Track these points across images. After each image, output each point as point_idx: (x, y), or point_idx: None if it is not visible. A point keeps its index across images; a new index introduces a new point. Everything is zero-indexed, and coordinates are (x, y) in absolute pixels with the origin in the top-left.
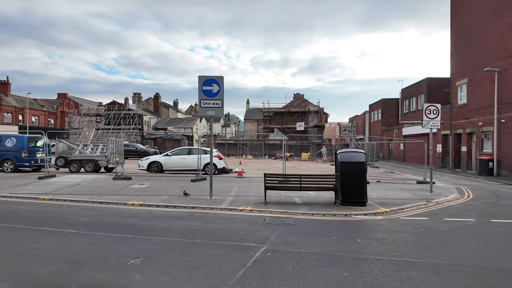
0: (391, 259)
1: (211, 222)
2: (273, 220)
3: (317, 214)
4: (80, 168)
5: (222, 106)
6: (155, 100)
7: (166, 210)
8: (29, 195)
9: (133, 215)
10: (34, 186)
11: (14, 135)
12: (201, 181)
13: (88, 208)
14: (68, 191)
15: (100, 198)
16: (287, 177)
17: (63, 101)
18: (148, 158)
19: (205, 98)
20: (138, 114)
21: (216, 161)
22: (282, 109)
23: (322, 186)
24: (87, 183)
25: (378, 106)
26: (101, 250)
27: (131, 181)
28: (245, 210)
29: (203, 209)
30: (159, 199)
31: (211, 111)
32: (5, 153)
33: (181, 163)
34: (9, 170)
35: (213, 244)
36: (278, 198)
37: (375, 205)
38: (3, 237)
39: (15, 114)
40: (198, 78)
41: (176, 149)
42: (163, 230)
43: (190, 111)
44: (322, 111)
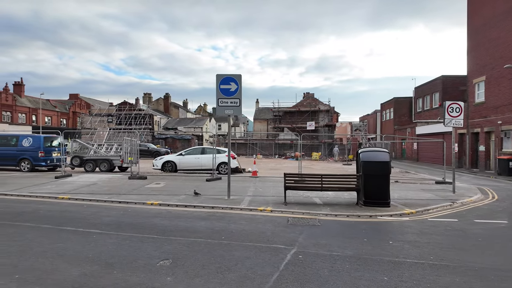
0: (430, 263)
1: (234, 222)
2: (296, 221)
3: (341, 215)
4: (95, 167)
5: (240, 105)
6: (165, 100)
7: (186, 209)
8: (48, 194)
9: (154, 215)
10: (52, 186)
11: (30, 135)
12: (216, 180)
13: (108, 208)
14: (86, 190)
15: (118, 197)
16: (308, 177)
17: (75, 102)
18: (162, 158)
19: (222, 97)
20: (148, 114)
21: None
22: (292, 109)
23: (344, 186)
24: (104, 182)
25: (390, 105)
26: (128, 251)
27: (146, 180)
28: (265, 210)
29: (223, 209)
30: (177, 199)
31: (229, 110)
32: (22, 153)
33: (195, 163)
34: (26, 170)
35: (240, 245)
36: (297, 198)
37: (398, 206)
38: (26, 236)
39: (29, 114)
40: (215, 76)
41: (190, 148)
42: (187, 231)
43: (199, 111)
44: (333, 110)
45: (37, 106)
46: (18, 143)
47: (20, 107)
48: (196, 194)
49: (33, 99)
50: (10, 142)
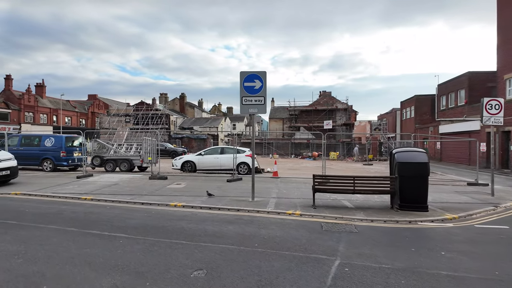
0: (498, 279)
1: (264, 227)
2: (331, 227)
3: (378, 221)
4: (115, 167)
5: (264, 103)
6: (180, 100)
7: (211, 212)
8: (71, 194)
9: (179, 218)
10: (74, 186)
11: (53, 135)
12: (237, 181)
13: (132, 210)
14: (108, 191)
15: (141, 198)
16: (339, 178)
17: (93, 102)
18: (182, 158)
19: (246, 95)
20: (165, 114)
21: (249, 161)
22: (308, 107)
23: (378, 189)
24: (125, 182)
25: (411, 103)
26: (158, 258)
27: (167, 180)
28: (294, 214)
29: (249, 212)
30: (201, 200)
31: (253, 109)
32: (44, 153)
33: (214, 163)
34: (48, 170)
35: (277, 254)
36: (325, 201)
37: (437, 210)
38: (52, 240)
39: (50, 115)
40: (239, 74)
41: (209, 148)
42: (215, 236)
43: (214, 111)
44: (351, 108)
45: (57, 107)
46: (41, 143)
47: (42, 107)
48: (210, 195)
49: (54, 100)
50: (33, 142)
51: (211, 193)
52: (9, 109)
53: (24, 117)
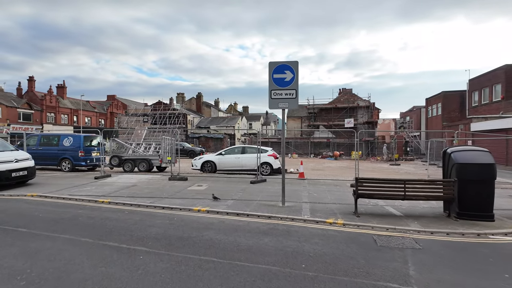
0: None
1: (306, 240)
2: (387, 241)
3: (439, 233)
4: (134, 167)
5: (296, 96)
6: (197, 100)
7: (239, 219)
8: (88, 197)
9: (206, 226)
10: (92, 187)
11: (71, 134)
12: (261, 183)
13: (152, 215)
14: (126, 192)
15: (161, 202)
16: (387, 182)
17: (112, 103)
18: (202, 158)
19: (276, 88)
20: (182, 113)
21: (272, 161)
22: (328, 105)
23: (433, 195)
24: (144, 184)
25: (438, 100)
26: (187, 283)
27: (187, 182)
28: (336, 223)
29: (282, 219)
30: (226, 205)
31: (283, 103)
32: (63, 152)
33: (235, 163)
34: (67, 170)
35: (333, 281)
36: (367, 207)
37: (503, 219)
38: (63, 254)
39: (71, 115)
40: (268, 64)
41: (230, 147)
42: (251, 251)
43: (230, 110)
44: (373, 106)
45: (77, 107)
46: (59, 142)
47: (63, 108)
48: (215, 199)
49: (75, 101)
50: (52, 141)
51: (216, 196)
52: (31, 109)
53: (46, 118)
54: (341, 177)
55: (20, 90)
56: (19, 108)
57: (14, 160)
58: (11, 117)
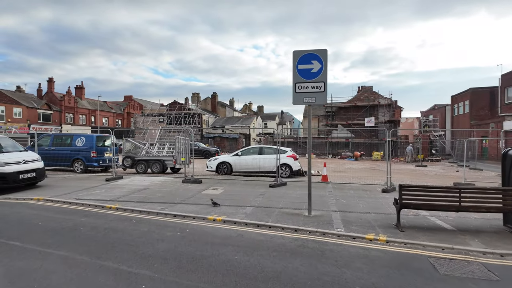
0: None
1: (346, 265)
2: (450, 268)
3: (510, 256)
4: (147, 168)
5: (325, 89)
6: (212, 100)
7: (260, 232)
8: (96, 201)
9: (222, 241)
10: (102, 190)
11: (83, 134)
12: (281, 186)
13: (162, 225)
14: (137, 197)
15: (173, 208)
16: (439, 190)
17: (128, 103)
18: (217, 158)
19: (301, 81)
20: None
21: (291, 162)
22: (347, 104)
23: (496, 206)
24: (156, 186)
25: (465, 97)
26: None
27: (202, 185)
28: (378, 240)
29: (310, 233)
30: (244, 213)
31: (310, 98)
32: (76, 153)
33: (252, 164)
34: (79, 171)
35: None
36: (407, 218)
37: None
38: (50, 279)
39: (88, 116)
40: (292, 54)
41: (246, 148)
42: (279, 280)
43: (245, 110)
44: (395, 104)
45: (95, 108)
46: (72, 142)
47: (81, 109)
48: (215, 205)
49: (92, 101)
50: (65, 142)
51: (216, 201)
52: (51, 110)
53: (64, 118)
54: (368, 181)
55: (40, 91)
56: (39, 109)
57: (22, 161)
58: (31, 118)
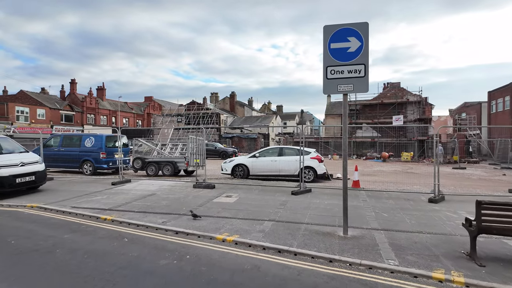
0: None
1: None
2: None
3: None
4: (158, 171)
5: (365, 74)
6: (231, 99)
7: (283, 262)
8: (91, 211)
9: (230, 279)
10: (103, 196)
11: (93, 134)
12: (305, 193)
13: (158, 248)
14: (139, 205)
15: (176, 221)
16: None
17: (149, 104)
18: (233, 160)
19: (334, 64)
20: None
21: (315, 165)
22: (372, 101)
23: None
24: (164, 192)
25: (505, 92)
26: None
27: (214, 190)
28: (452, 282)
29: (351, 266)
30: (261, 231)
31: (346, 85)
32: (84, 154)
33: (272, 167)
34: (88, 173)
35: None
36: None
37: None
38: None
39: (109, 116)
40: (323, 30)
41: (265, 149)
42: None
43: (264, 109)
44: (425, 101)
45: (116, 109)
46: (81, 143)
47: (102, 109)
48: (195, 217)
49: (113, 102)
50: (74, 142)
51: (196, 214)
52: (73, 111)
53: (86, 119)
54: (405, 186)
55: (63, 93)
56: (62, 110)
57: (19, 164)
58: (54, 119)
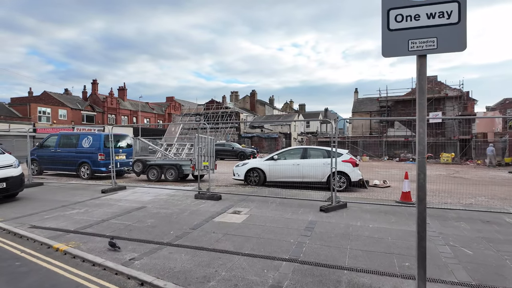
0: None
1: None
2: None
3: None
4: (160, 175)
5: (460, 19)
6: (251, 98)
7: None
8: (50, 234)
9: None
10: (81, 209)
11: (91, 133)
12: (339, 210)
13: None
14: (116, 225)
15: (150, 260)
16: None
17: (170, 104)
18: (246, 163)
19: (402, 5)
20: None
21: (349, 170)
22: (405, 97)
23: None
24: (156, 205)
25: None
26: None
27: (220, 203)
28: None
29: None
30: (275, 284)
31: (424, 40)
32: (82, 155)
33: (293, 172)
34: (86, 176)
35: None
36: None
37: None
38: None
39: (130, 117)
40: None
41: (285, 149)
42: None
43: (285, 109)
44: (467, 96)
45: (137, 109)
46: (78, 143)
47: (123, 110)
48: (113, 248)
49: (134, 102)
50: (71, 142)
51: (115, 242)
52: (94, 111)
53: (107, 119)
54: (468, 199)
55: (85, 93)
56: (83, 111)
57: None
58: (75, 119)
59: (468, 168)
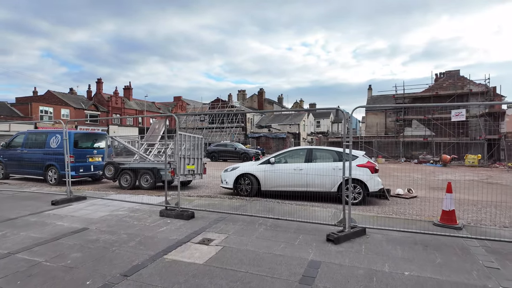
0: None
1: None
2: None
3: None
4: (135, 181)
5: None
6: (259, 96)
7: None
8: None
9: None
10: (4, 231)
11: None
12: (354, 240)
13: None
14: (19, 264)
15: None
16: None
17: (176, 104)
18: (236, 168)
19: None
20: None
21: (367, 177)
22: (424, 94)
23: None
24: (104, 226)
25: None
26: None
27: (190, 224)
28: None
29: None
30: None
31: None
32: (49, 157)
33: (294, 179)
34: (53, 182)
35: None
36: None
37: None
38: None
39: None
40: None
41: (285, 151)
42: None
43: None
44: (494, 92)
45: (143, 109)
46: (46, 143)
47: (128, 109)
48: None
49: (140, 102)
50: (38, 141)
51: None
52: (98, 111)
53: (112, 119)
54: None
55: (90, 92)
56: (87, 110)
57: None
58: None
59: (500, 172)
